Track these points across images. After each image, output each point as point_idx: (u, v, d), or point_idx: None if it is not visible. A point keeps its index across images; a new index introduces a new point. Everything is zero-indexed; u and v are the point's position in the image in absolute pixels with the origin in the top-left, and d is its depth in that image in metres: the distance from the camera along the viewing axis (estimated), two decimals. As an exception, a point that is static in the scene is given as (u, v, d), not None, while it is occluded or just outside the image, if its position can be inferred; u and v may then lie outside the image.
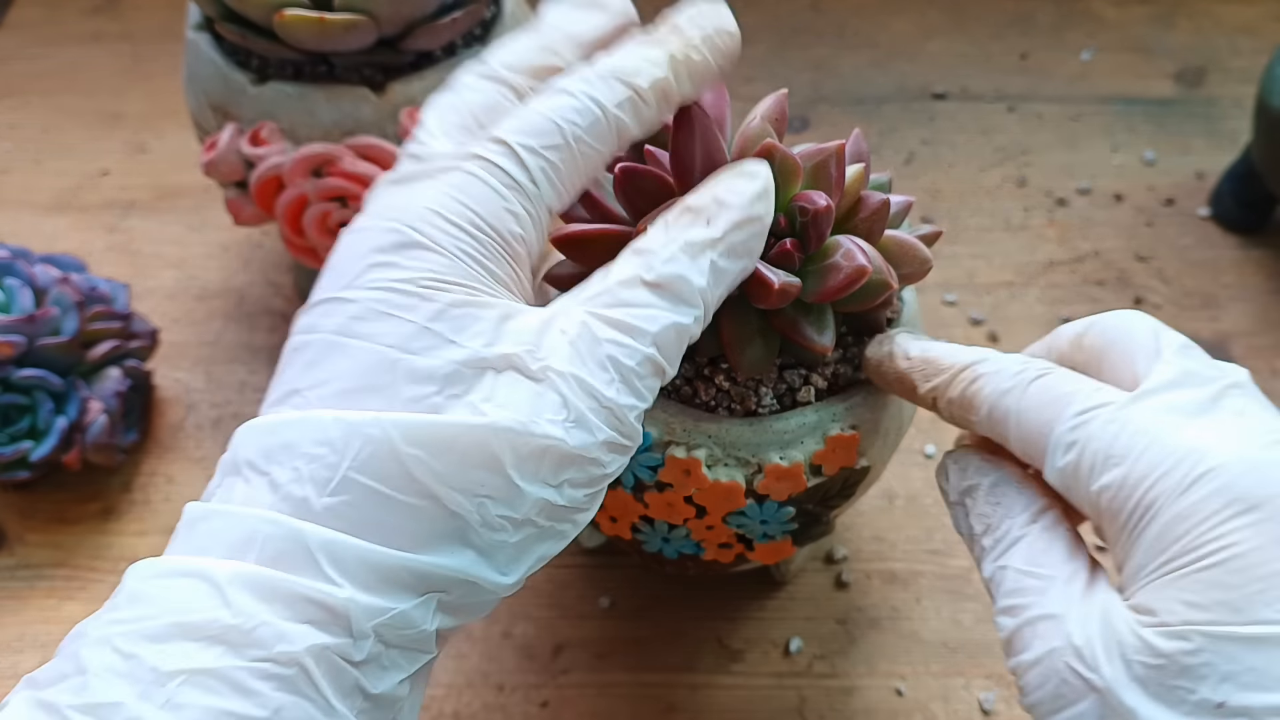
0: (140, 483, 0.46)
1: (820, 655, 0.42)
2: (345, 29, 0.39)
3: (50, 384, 0.42)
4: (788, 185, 0.29)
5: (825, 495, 0.34)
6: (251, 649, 0.21)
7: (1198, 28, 0.67)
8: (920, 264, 0.31)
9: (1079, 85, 0.64)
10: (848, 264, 0.29)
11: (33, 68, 0.65)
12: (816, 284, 0.30)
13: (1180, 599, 0.23)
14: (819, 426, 0.32)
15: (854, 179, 0.31)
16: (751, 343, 0.30)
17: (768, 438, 0.32)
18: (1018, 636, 0.26)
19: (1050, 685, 0.24)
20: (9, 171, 0.59)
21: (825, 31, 0.67)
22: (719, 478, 0.32)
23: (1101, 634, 0.24)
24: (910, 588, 0.43)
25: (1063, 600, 0.25)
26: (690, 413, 0.32)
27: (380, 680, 0.23)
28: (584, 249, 0.30)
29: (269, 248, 0.55)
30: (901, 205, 0.32)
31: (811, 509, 0.34)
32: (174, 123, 0.61)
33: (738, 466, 0.32)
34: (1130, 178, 0.59)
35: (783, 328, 0.30)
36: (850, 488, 0.34)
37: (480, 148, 0.25)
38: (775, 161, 0.29)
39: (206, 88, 0.43)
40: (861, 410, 0.32)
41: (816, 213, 0.29)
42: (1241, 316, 0.52)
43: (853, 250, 0.29)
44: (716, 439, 0.32)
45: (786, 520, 0.33)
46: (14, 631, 0.42)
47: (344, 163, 0.40)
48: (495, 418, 0.23)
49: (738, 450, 0.32)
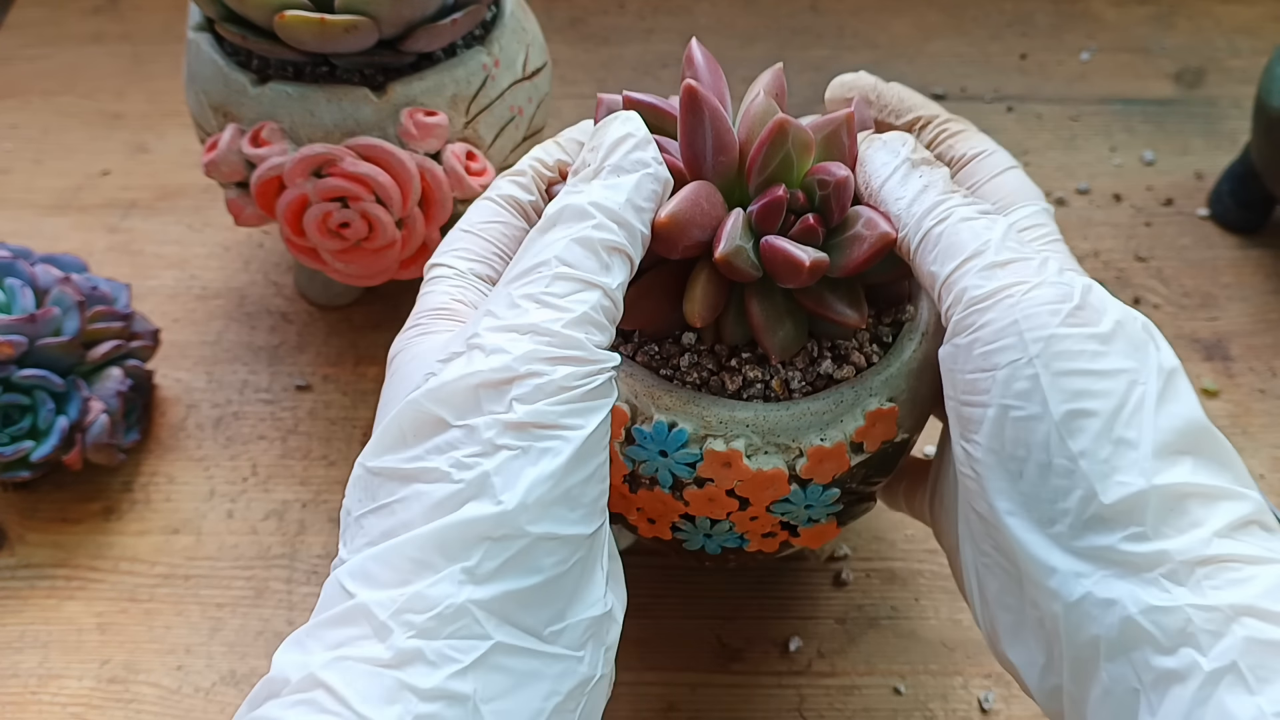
0: (141, 482, 0.46)
1: (819, 654, 0.42)
2: (346, 30, 0.39)
3: (51, 384, 0.43)
4: (802, 159, 0.29)
5: (868, 472, 0.33)
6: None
7: (1197, 28, 0.67)
8: None
9: (1078, 86, 0.64)
10: (870, 233, 0.28)
11: (34, 68, 0.65)
12: (842, 257, 0.29)
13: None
14: (857, 403, 0.31)
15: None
16: (782, 324, 0.30)
17: (806, 420, 0.31)
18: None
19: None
20: (10, 172, 0.59)
21: (825, 33, 0.67)
22: (761, 466, 0.31)
23: None
24: (909, 587, 0.43)
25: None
26: (723, 403, 0.31)
27: (432, 675, 0.24)
28: None
29: (270, 248, 0.55)
30: None
31: (855, 487, 0.33)
32: (175, 123, 0.61)
33: (778, 453, 0.31)
34: (1129, 178, 0.59)
35: (812, 306, 0.30)
36: (892, 461, 0.33)
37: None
38: (789, 136, 0.28)
39: (207, 88, 0.43)
40: (897, 381, 0.32)
41: (837, 183, 0.28)
42: (1240, 316, 0.52)
43: (874, 218, 0.29)
44: (754, 427, 0.30)
45: (832, 502, 0.33)
46: (14, 631, 0.42)
47: (344, 163, 0.40)
48: (425, 387, 0.26)
49: (777, 436, 0.31)
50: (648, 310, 0.30)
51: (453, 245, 0.32)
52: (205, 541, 0.44)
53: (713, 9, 0.69)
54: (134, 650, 0.41)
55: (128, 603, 0.43)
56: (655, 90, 0.63)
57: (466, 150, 0.43)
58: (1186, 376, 0.27)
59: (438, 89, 0.42)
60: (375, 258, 0.43)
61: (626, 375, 0.31)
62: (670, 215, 0.28)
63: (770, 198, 0.29)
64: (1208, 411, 0.48)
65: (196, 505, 0.46)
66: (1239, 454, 0.26)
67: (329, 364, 0.51)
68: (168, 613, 0.42)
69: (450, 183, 0.42)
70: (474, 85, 0.43)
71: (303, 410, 0.49)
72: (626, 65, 0.65)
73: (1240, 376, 0.50)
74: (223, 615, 0.42)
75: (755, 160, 0.29)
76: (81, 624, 0.42)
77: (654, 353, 0.32)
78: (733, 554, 0.36)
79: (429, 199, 0.42)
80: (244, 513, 0.45)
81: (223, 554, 0.44)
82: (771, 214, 0.29)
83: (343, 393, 0.49)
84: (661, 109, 0.31)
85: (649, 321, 0.31)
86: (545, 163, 0.33)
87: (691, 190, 0.28)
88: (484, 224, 0.32)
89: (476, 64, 0.43)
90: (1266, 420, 0.48)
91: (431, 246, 0.44)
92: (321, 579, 0.43)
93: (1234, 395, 0.49)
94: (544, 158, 0.33)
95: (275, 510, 0.45)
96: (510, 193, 0.32)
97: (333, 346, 0.51)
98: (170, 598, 0.43)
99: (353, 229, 0.42)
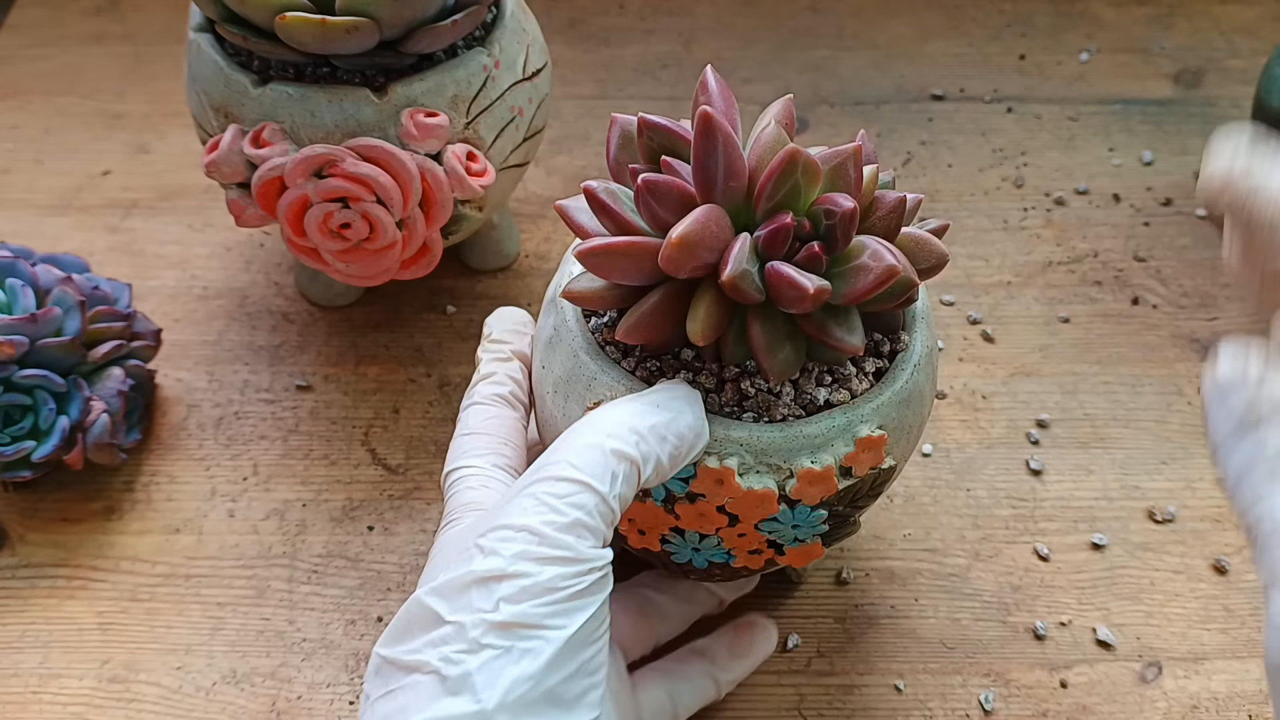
0: (142, 482, 0.46)
1: (819, 653, 0.42)
2: (347, 31, 0.39)
3: (52, 384, 0.43)
4: (809, 188, 0.30)
5: (855, 496, 0.34)
6: None
7: (1196, 29, 0.67)
8: (937, 258, 0.32)
9: (1077, 86, 0.64)
10: (876, 264, 0.29)
11: (34, 68, 0.65)
12: (845, 286, 0.30)
13: None
14: (848, 428, 0.32)
15: (870, 179, 0.31)
16: (782, 347, 0.30)
17: (799, 443, 0.31)
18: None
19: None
20: (11, 172, 0.59)
21: (824, 33, 0.68)
22: (752, 485, 0.32)
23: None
24: (909, 586, 0.43)
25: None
26: (719, 421, 0.31)
27: None
28: (605, 261, 0.30)
29: (271, 248, 0.55)
30: (914, 203, 0.33)
31: (842, 510, 0.34)
32: (176, 123, 0.61)
33: (769, 473, 0.32)
34: (1128, 178, 0.59)
35: (812, 331, 0.30)
36: (879, 487, 0.34)
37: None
38: (799, 165, 0.29)
39: (208, 89, 0.43)
40: (888, 410, 0.33)
41: (843, 215, 0.29)
42: (1239, 316, 0.53)
43: (880, 251, 0.29)
44: (748, 446, 0.31)
45: (818, 523, 0.33)
46: (15, 631, 0.42)
47: (345, 164, 0.40)
48: (430, 584, 0.28)
49: (769, 457, 0.32)
50: (651, 326, 0.31)
51: (461, 449, 0.34)
52: (206, 541, 0.45)
53: (712, 9, 0.69)
54: (135, 650, 0.42)
55: (129, 602, 0.43)
56: (655, 90, 0.64)
57: (467, 151, 0.43)
58: None
59: (438, 90, 0.42)
60: (376, 258, 0.43)
61: (626, 390, 0.32)
62: (681, 236, 0.28)
63: (778, 224, 0.29)
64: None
65: (197, 505, 0.46)
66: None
67: (330, 364, 0.51)
68: (169, 612, 0.43)
69: (451, 183, 0.42)
70: (474, 86, 0.43)
71: (304, 410, 0.49)
72: (626, 66, 0.65)
73: (1239, 376, 0.50)
74: (224, 615, 0.42)
75: (764, 187, 0.30)
76: (82, 623, 0.42)
77: (654, 368, 0.33)
78: (719, 569, 0.37)
79: (430, 199, 0.42)
80: (245, 512, 0.45)
81: (224, 553, 0.44)
82: (778, 240, 0.29)
83: (344, 392, 0.50)
84: (675, 132, 0.31)
85: (651, 337, 0.31)
86: (501, 358, 0.36)
87: (703, 213, 0.29)
88: (483, 422, 0.34)
89: (477, 65, 0.43)
90: (1265, 420, 0.48)
91: (432, 247, 0.44)
92: (321, 578, 0.43)
93: (1233, 395, 0.49)
94: (498, 355, 0.36)
95: (276, 510, 0.46)
96: (492, 392, 0.35)
97: (334, 346, 0.51)
98: (171, 597, 0.43)
99: (354, 229, 0.42)
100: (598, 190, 0.31)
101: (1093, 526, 0.45)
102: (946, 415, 0.49)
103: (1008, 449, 0.48)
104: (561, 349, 0.34)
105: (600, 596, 0.28)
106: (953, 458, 0.47)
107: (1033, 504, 0.46)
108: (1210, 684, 0.41)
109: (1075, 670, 0.41)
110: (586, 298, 0.32)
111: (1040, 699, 0.40)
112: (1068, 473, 0.47)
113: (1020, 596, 0.43)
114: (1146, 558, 0.44)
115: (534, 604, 0.26)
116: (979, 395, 0.50)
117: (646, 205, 0.30)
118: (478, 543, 0.28)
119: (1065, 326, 0.52)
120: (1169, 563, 0.44)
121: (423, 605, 0.28)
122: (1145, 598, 0.43)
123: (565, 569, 0.27)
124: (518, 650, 0.26)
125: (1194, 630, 0.42)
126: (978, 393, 0.50)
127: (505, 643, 0.26)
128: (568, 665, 0.27)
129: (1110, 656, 0.42)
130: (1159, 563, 0.44)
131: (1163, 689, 0.41)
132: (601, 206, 0.31)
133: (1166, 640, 0.42)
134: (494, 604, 0.26)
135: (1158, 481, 0.47)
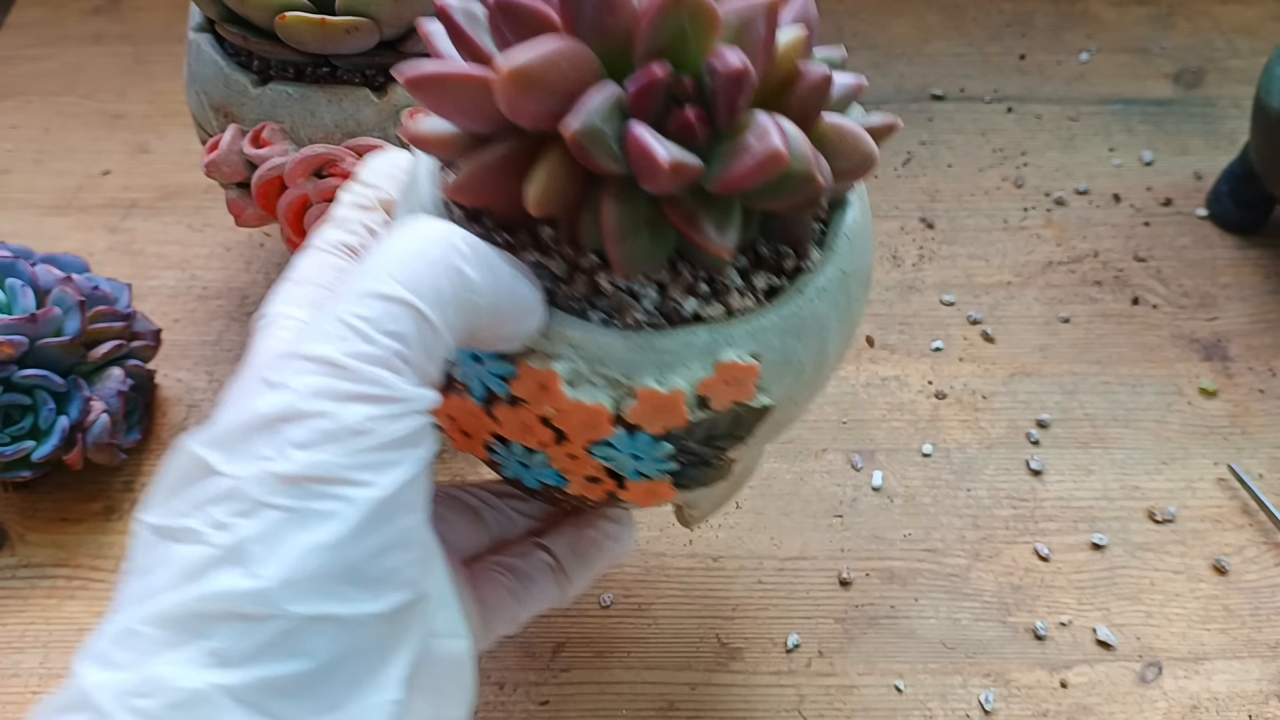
0: (142, 482, 0.46)
1: (819, 653, 0.42)
2: (347, 31, 0.39)
3: (52, 384, 0.43)
4: (701, 37, 0.23)
5: (711, 434, 0.27)
6: None
7: (1196, 28, 0.67)
8: (862, 158, 0.26)
9: (1077, 86, 0.64)
10: (759, 146, 0.23)
11: (34, 68, 0.65)
12: (720, 168, 0.24)
13: None
14: (710, 350, 0.26)
15: (791, 45, 0.25)
16: (638, 234, 0.24)
17: (645, 356, 0.25)
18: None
19: None
20: (10, 172, 0.59)
21: (824, 33, 0.67)
22: (580, 398, 0.26)
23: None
24: (908, 586, 0.43)
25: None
26: (558, 315, 0.25)
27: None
28: (435, 94, 0.24)
29: (271, 248, 0.55)
30: (850, 87, 0.27)
31: (695, 448, 0.28)
32: (176, 123, 0.61)
33: (604, 387, 0.26)
34: (1128, 178, 0.59)
35: (678, 220, 0.24)
36: (744, 429, 0.28)
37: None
38: (687, 6, 0.23)
39: (208, 89, 0.43)
40: (768, 336, 0.26)
41: (730, 74, 0.23)
42: (1239, 316, 0.53)
43: (768, 129, 0.23)
44: (581, 350, 0.25)
45: (663, 458, 0.28)
46: (15, 631, 0.42)
47: (345, 164, 0.40)
48: (203, 429, 0.22)
49: (605, 367, 0.26)
50: (488, 186, 0.25)
51: (282, 296, 0.27)
52: (206, 541, 0.45)
53: (712, 9, 0.69)
54: (135, 650, 0.41)
55: (129, 602, 0.43)
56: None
57: (467, 151, 0.43)
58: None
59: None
60: (376, 258, 0.43)
61: None
62: (516, 69, 0.22)
63: (649, 77, 0.23)
64: (1207, 411, 0.48)
65: (197, 505, 0.46)
66: (1237, 454, 0.24)
67: (329, 364, 0.51)
68: (169, 612, 0.42)
69: (451, 183, 0.42)
70: (474, 86, 0.43)
71: (303, 410, 0.49)
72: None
73: (1239, 376, 0.50)
74: (223, 615, 0.42)
75: (642, 29, 0.23)
76: (82, 623, 0.42)
77: (501, 242, 0.26)
78: (556, 491, 0.31)
79: (429, 199, 0.42)
80: (245, 512, 0.45)
81: (223, 553, 0.44)
82: (647, 96, 0.23)
83: (343, 393, 0.50)
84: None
85: (491, 200, 0.25)
86: (364, 205, 0.29)
87: (551, 44, 0.23)
88: (318, 271, 0.27)
89: (477, 64, 0.43)
90: (1266, 420, 0.48)
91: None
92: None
93: (1233, 395, 0.50)
94: (360, 201, 0.29)
95: (276, 510, 0.45)
96: (339, 239, 0.28)
97: (333, 346, 0.51)
98: (171, 597, 0.43)
99: (353, 229, 0.42)
100: (454, 10, 0.25)
101: (1093, 526, 0.45)
102: (946, 415, 0.49)
103: (1008, 449, 0.48)
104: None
105: (419, 451, 0.22)
106: (953, 458, 0.47)
107: (1033, 504, 0.46)
108: (1210, 684, 0.41)
109: (1075, 670, 0.41)
110: (426, 140, 0.26)
111: (1040, 699, 0.40)
112: (1068, 473, 0.47)
113: (1020, 597, 0.43)
114: (1146, 558, 0.44)
115: (334, 452, 0.21)
116: (979, 395, 0.50)
117: (499, 31, 0.24)
118: (263, 375, 0.22)
119: (1065, 326, 0.52)
120: (1169, 563, 0.44)
121: (193, 455, 0.22)
122: (1145, 598, 0.43)
123: (375, 409, 0.21)
124: (310, 512, 0.20)
125: (1194, 630, 0.42)
126: (978, 393, 0.50)
127: (294, 502, 0.20)
128: (375, 534, 0.21)
129: (1110, 657, 0.42)
130: (1159, 563, 0.44)
131: (1163, 689, 0.41)
132: (455, 31, 0.25)
133: (1166, 640, 0.42)
134: (281, 451, 0.21)
135: (1158, 481, 0.47)
